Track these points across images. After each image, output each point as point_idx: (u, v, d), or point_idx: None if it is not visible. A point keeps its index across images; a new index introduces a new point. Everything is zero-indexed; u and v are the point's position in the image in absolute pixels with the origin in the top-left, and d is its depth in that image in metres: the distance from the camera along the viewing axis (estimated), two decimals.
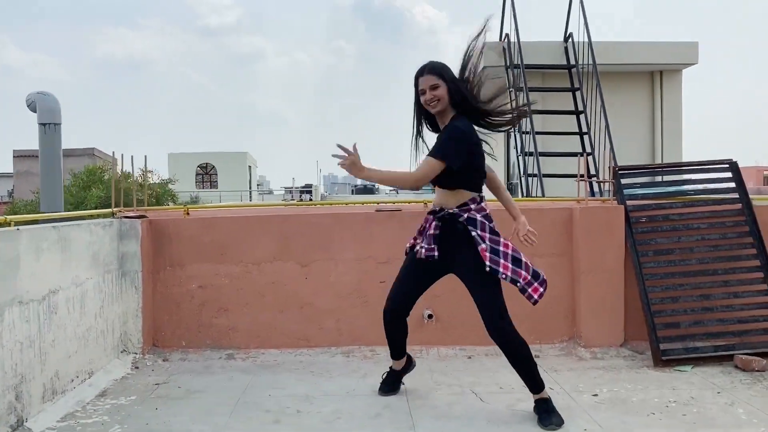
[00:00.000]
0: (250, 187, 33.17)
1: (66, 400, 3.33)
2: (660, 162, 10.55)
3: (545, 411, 3.13)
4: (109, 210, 4.41)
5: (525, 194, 8.57)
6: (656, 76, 10.53)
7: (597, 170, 8.44)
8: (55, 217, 3.90)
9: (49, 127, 6.63)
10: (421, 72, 3.14)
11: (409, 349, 4.42)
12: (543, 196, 7.85)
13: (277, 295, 4.40)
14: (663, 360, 4.05)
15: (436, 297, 4.41)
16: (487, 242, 3.09)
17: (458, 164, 3.00)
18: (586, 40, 8.93)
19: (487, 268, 3.04)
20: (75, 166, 26.22)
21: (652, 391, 3.59)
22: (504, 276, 3.07)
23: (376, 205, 4.66)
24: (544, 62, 9.70)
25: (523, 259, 3.15)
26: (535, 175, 8.23)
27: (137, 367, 4.10)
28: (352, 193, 51.11)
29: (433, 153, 3.03)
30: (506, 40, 9.72)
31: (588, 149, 8.79)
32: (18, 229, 3.00)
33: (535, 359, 4.27)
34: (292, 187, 45.75)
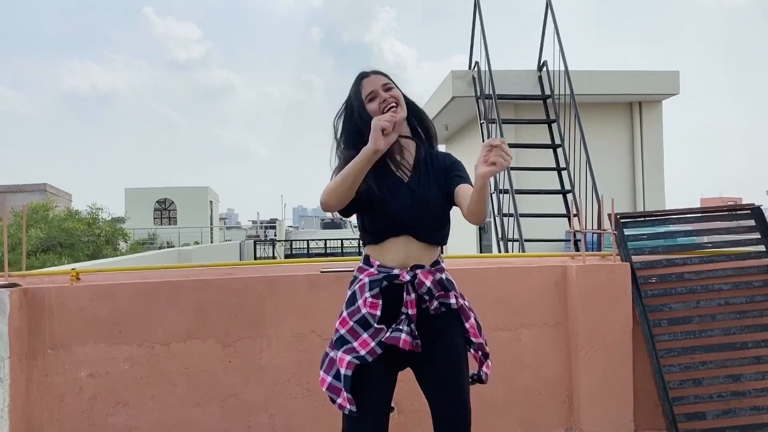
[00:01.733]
0: (211, 223, 31.84)
1: None
2: (642, 196, 9.87)
3: None
4: None
5: (500, 235, 7.72)
6: (635, 107, 9.88)
7: (578, 209, 7.65)
8: None
9: None
10: (364, 74, 2.27)
11: None
12: (520, 236, 7.01)
13: (193, 384, 3.40)
14: None
15: (399, 383, 3.46)
16: (474, 313, 2.29)
17: None
18: (562, 68, 8.21)
19: (474, 350, 2.26)
20: (24, 203, 24.80)
21: None
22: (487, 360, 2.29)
23: (320, 263, 3.70)
24: (516, 92, 8.96)
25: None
26: (511, 215, 7.39)
27: None
28: (321, 228, 50.00)
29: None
30: (476, 69, 8.97)
31: (567, 186, 8.03)
32: None
33: None
34: (256, 221, 44.55)
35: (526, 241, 7.04)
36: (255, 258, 16.73)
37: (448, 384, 2.19)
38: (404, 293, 2.14)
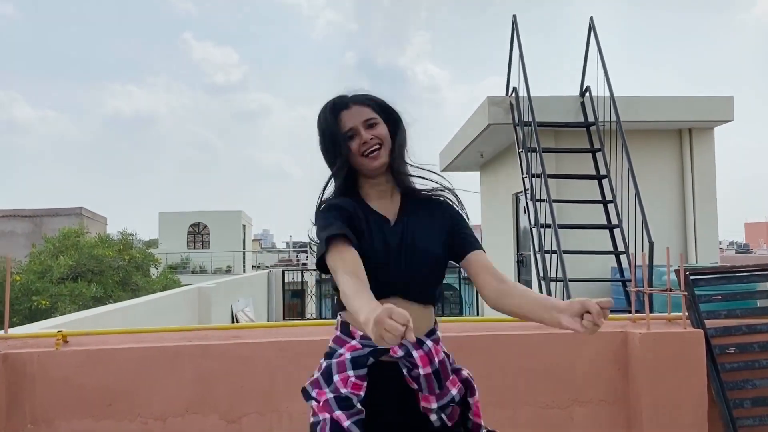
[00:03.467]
0: (244, 247, 31.71)
1: None
2: (693, 230, 9.20)
3: None
4: None
5: (541, 274, 7.17)
6: (684, 135, 9.25)
7: (626, 246, 7.07)
8: None
9: None
10: (344, 103, 1.85)
11: None
12: (564, 276, 6.45)
13: None
14: None
15: None
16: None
17: None
18: (607, 94, 7.69)
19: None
20: (60, 227, 25.01)
21: None
22: None
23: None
24: (557, 119, 8.44)
25: None
26: (554, 252, 6.84)
27: None
28: None
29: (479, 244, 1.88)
30: (514, 95, 8.50)
31: (614, 220, 7.45)
32: None
33: None
34: (289, 243, 44.48)
35: (570, 281, 6.50)
36: (283, 284, 16.38)
37: None
38: (404, 372, 1.74)
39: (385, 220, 1.82)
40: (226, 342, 3.04)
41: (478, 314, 14.76)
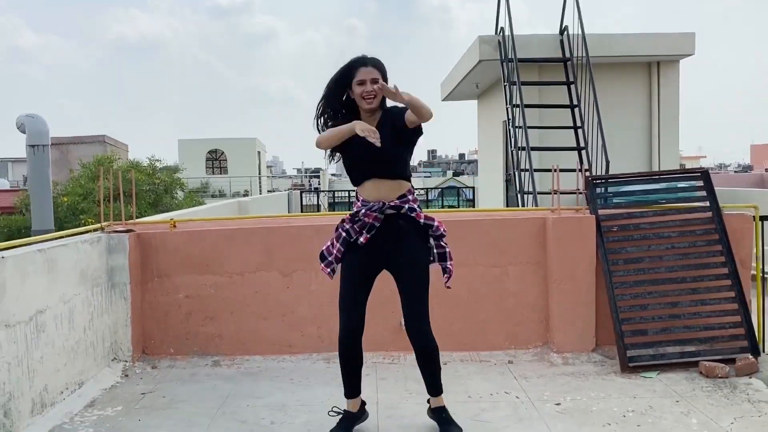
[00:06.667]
0: (259, 173, 33.37)
1: (55, 413, 3.55)
2: (658, 151, 10.60)
3: (446, 422, 3.22)
4: (99, 225, 4.59)
5: (518, 189, 8.70)
6: (653, 67, 10.52)
7: (590, 165, 8.54)
8: (47, 238, 4.06)
9: (38, 149, 6.93)
10: (364, 62, 3.07)
11: (387, 356, 4.61)
12: (534, 189, 7.99)
13: (261, 303, 4.59)
14: (630, 366, 4.20)
15: None
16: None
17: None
18: (580, 32, 8.96)
19: (434, 263, 3.28)
20: (85, 154, 26.53)
21: (613, 400, 3.75)
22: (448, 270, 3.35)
23: None
24: (540, 55, 9.72)
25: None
26: (527, 170, 8.34)
27: (127, 375, 4.31)
28: None
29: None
30: (501, 34, 9.76)
31: (582, 143, 8.88)
32: (3, 258, 3.19)
33: (509, 364, 4.48)
34: (301, 170, 46.03)
35: (539, 193, 8.02)
36: (301, 206, 18.14)
37: (406, 279, 3.25)
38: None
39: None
40: (282, 225, 4.64)
41: None
